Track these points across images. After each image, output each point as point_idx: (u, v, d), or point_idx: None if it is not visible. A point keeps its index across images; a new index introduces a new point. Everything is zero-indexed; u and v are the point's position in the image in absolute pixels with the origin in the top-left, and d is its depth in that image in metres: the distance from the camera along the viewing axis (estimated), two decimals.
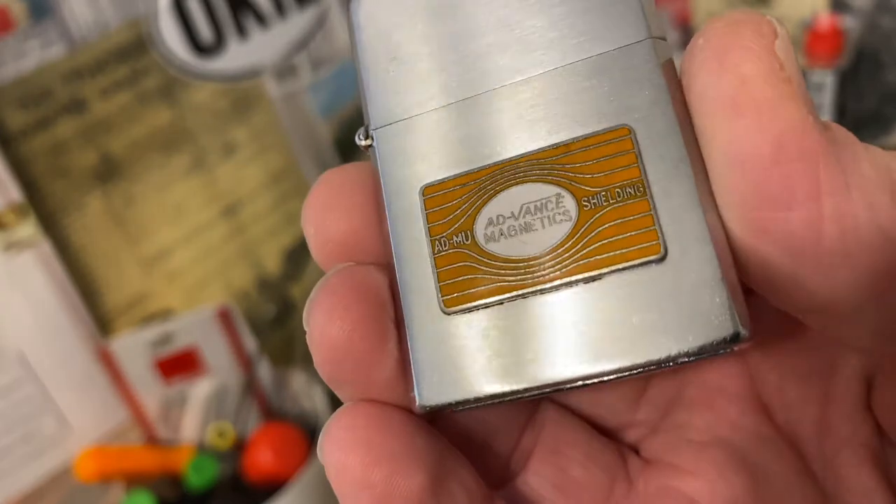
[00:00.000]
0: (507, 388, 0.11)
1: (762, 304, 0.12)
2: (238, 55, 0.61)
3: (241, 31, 0.61)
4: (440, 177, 0.12)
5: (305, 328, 0.13)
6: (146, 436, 0.56)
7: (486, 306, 0.12)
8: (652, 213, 0.11)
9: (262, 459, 0.51)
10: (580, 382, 0.12)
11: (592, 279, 0.11)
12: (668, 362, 0.11)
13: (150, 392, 0.54)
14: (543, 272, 0.11)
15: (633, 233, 0.11)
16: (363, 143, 0.13)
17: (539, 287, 0.12)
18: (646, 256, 0.11)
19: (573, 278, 0.11)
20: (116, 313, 0.57)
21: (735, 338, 0.11)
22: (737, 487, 0.14)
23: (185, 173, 0.60)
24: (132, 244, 0.58)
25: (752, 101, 0.11)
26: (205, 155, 0.62)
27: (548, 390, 0.12)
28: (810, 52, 0.63)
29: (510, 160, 0.12)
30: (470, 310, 0.12)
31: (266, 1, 0.62)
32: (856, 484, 0.13)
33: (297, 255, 0.71)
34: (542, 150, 0.12)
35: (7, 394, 0.52)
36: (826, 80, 0.62)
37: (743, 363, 0.14)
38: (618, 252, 0.11)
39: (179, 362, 0.54)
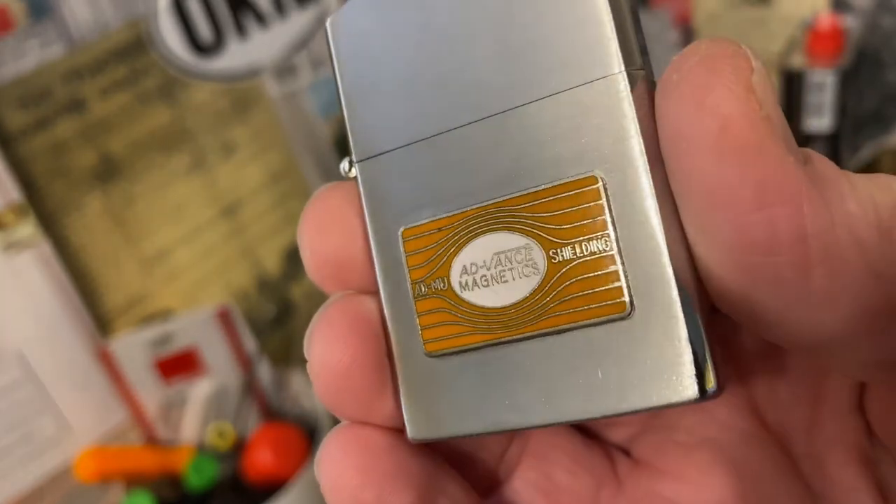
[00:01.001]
0: (482, 429, 0.12)
1: None
2: (238, 55, 0.61)
3: (241, 30, 0.61)
4: (418, 220, 0.13)
5: (306, 357, 0.13)
6: (146, 436, 0.56)
7: (463, 352, 0.13)
8: (618, 268, 0.11)
9: (262, 460, 0.51)
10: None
11: (559, 332, 0.12)
12: (631, 414, 0.12)
13: (150, 392, 0.54)
14: (513, 324, 0.12)
15: (598, 289, 0.11)
16: (348, 174, 0.14)
17: (510, 338, 0.12)
18: (611, 314, 0.11)
19: (540, 332, 0.12)
20: (116, 313, 0.57)
21: (701, 396, 0.11)
22: (723, 490, 0.14)
23: (184, 173, 0.60)
24: (132, 244, 0.58)
25: (733, 145, 0.10)
26: (204, 155, 0.62)
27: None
28: (811, 52, 0.63)
29: (483, 206, 0.12)
30: (449, 354, 0.13)
31: (266, 0, 0.62)
32: (844, 484, 0.13)
33: (297, 255, 0.71)
34: (513, 196, 0.12)
35: (6, 394, 0.52)
36: (827, 80, 0.62)
37: (733, 363, 0.14)
38: (583, 308, 0.12)
39: (179, 362, 0.54)
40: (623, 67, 0.12)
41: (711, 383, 0.11)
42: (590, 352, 0.12)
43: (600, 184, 0.11)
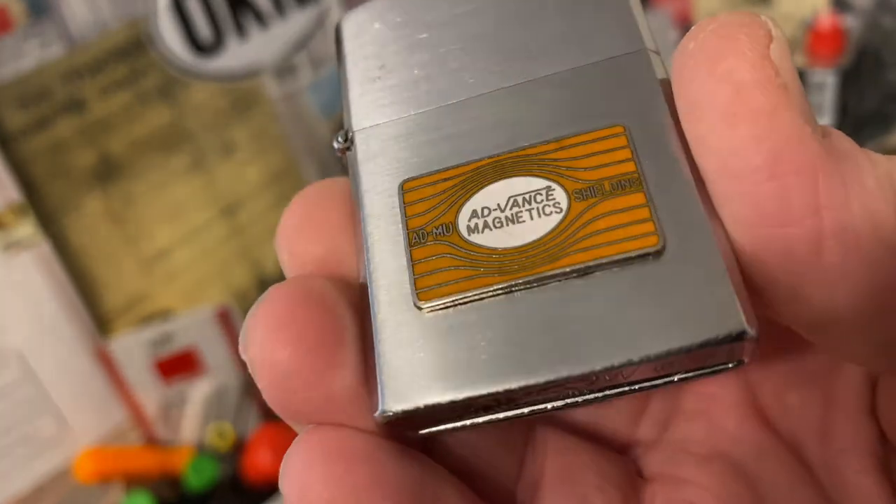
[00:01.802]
0: (483, 390, 0.10)
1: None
2: (237, 55, 0.61)
3: (241, 30, 0.61)
4: (424, 170, 0.12)
5: (243, 356, 0.11)
6: (145, 436, 0.56)
7: (465, 301, 0.11)
8: (648, 204, 0.11)
9: (262, 460, 0.51)
10: (569, 400, 0.11)
11: (584, 272, 0.10)
12: (667, 365, 0.10)
13: (150, 392, 0.54)
14: (530, 263, 0.10)
15: (628, 223, 0.10)
16: (341, 145, 0.13)
17: (525, 279, 0.10)
18: (642, 248, 0.10)
19: (563, 270, 0.10)
20: (116, 313, 0.57)
21: (741, 335, 0.10)
22: (741, 498, 0.13)
23: (184, 173, 0.60)
24: (131, 244, 0.58)
25: (746, 111, 0.10)
26: (204, 155, 0.61)
27: (532, 408, 0.11)
28: (811, 52, 0.63)
29: (498, 156, 0.11)
30: (446, 305, 0.11)
31: (266, 0, 0.62)
32: (860, 490, 0.13)
33: None
34: (533, 145, 0.11)
35: (6, 394, 0.52)
36: (827, 80, 0.62)
37: (739, 370, 0.13)
38: (612, 243, 0.10)
39: (179, 363, 0.54)
40: (645, 46, 0.12)
41: (752, 326, 0.10)
42: (619, 292, 0.10)
43: (626, 132, 0.11)
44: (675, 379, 0.11)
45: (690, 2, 0.75)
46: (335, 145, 0.13)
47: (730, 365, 0.11)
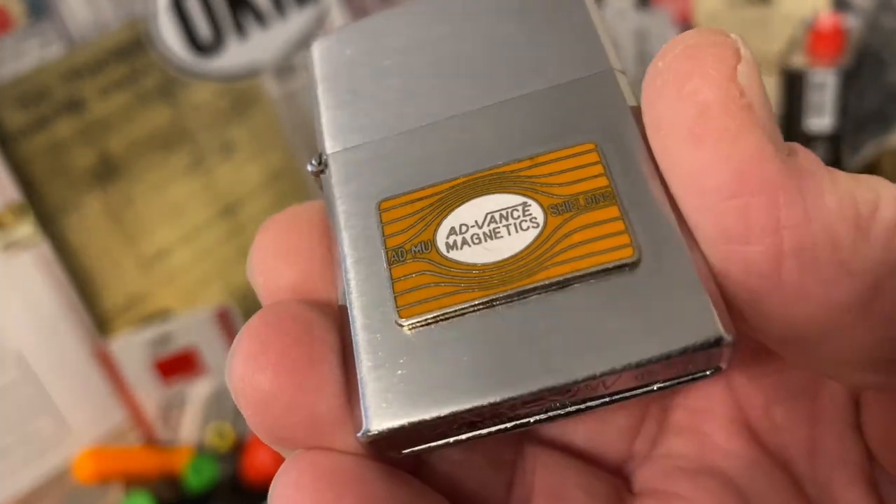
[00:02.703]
0: (466, 405, 0.10)
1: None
2: (237, 54, 0.61)
3: (241, 30, 0.61)
4: (399, 190, 0.12)
5: (228, 384, 0.12)
6: (145, 437, 0.56)
7: (446, 316, 0.11)
8: (622, 217, 0.11)
9: (262, 460, 0.51)
10: (552, 412, 0.11)
11: (563, 284, 0.11)
12: (647, 374, 0.10)
13: (149, 393, 0.54)
14: (510, 278, 0.11)
15: (604, 236, 0.11)
16: (315, 168, 0.13)
17: (505, 293, 0.11)
18: (619, 259, 0.11)
19: (542, 283, 0.11)
20: (115, 313, 0.57)
21: (718, 341, 0.10)
22: None
23: (183, 173, 0.60)
24: (131, 244, 0.58)
25: (710, 131, 0.10)
26: (204, 154, 0.61)
27: (516, 422, 0.11)
28: (812, 52, 0.63)
29: (473, 174, 0.12)
30: (428, 321, 0.11)
31: (265, 0, 0.62)
32: None
33: None
34: (507, 163, 0.12)
35: (5, 394, 0.52)
36: (828, 80, 0.62)
37: (727, 386, 0.14)
38: (589, 255, 0.11)
39: (178, 363, 0.54)
40: (611, 66, 0.12)
41: (728, 331, 0.10)
42: (597, 303, 0.10)
43: (598, 149, 0.11)
44: (655, 388, 0.11)
45: (690, 1, 0.75)
46: (309, 168, 0.13)
47: (707, 372, 0.11)
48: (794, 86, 0.64)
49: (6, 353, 0.51)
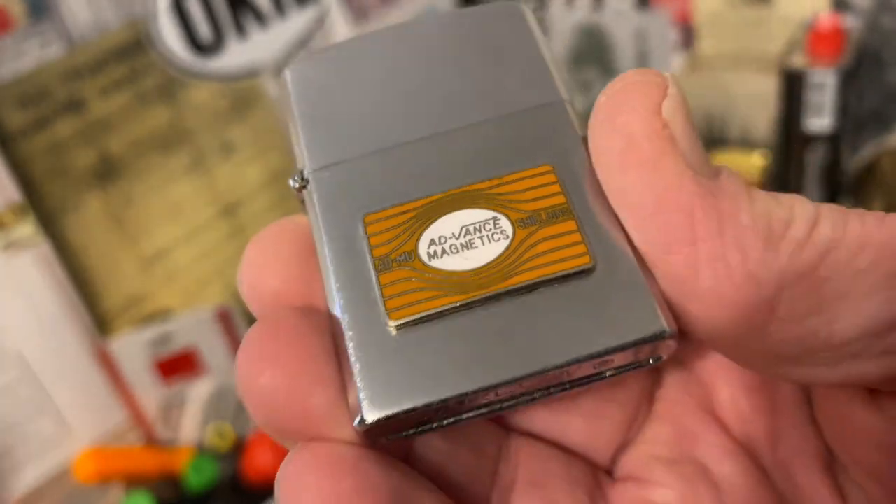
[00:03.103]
0: (451, 393, 0.12)
1: None
2: (237, 54, 0.61)
3: (241, 30, 0.61)
4: (382, 205, 0.13)
5: (238, 388, 0.13)
6: (145, 436, 0.56)
7: (430, 317, 0.12)
8: (579, 230, 0.13)
9: (262, 460, 0.51)
10: (525, 396, 0.12)
11: (531, 288, 0.12)
12: (602, 363, 0.12)
13: (150, 393, 0.54)
14: (485, 282, 0.12)
15: (564, 246, 0.13)
16: (298, 184, 0.14)
17: (481, 296, 0.12)
18: (577, 266, 0.12)
19: (514, 287, 0.12)
20: (115, 313, 0.57)
21: (662, 334, 0.12)
22: (701, 499, 0.14)
23: (184, 173, 0.60)
24: (131, 244, 0.58)
25: (636, 158, 0.12)
26: (204, 155, 0.61)
27: (492, 407, 0.13)
28: (812, 52, 0.63)
29: (447, 192, 0.13)
30: (414, 322, 0.12)
31: (265, 0, 0.62)
32: (812, 492, 0.14)
33: None
34: (478, 182, 0.13)
35: (5, 394, 0.52)
36: (827, 80, 0.62)
37: (699, 380, 0.15)
38: (552, 263, 0.12)
39: (179, 363, 0.54)
40: (562, 97, 0.14)
41: (670, 326, 0.12)
42: (559, 304, 0.12)
43: (554, 171, 0.13)
44: (607, 374, 0.13)
45: (690, 2, 0.76)
46: (291, 184, 0.14)
47: (650, 361, 0.13)
48: (793, 86, 0.64)
49: (6, 353, 0.51)
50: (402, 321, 0.12)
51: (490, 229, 0.13)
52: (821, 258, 0.12)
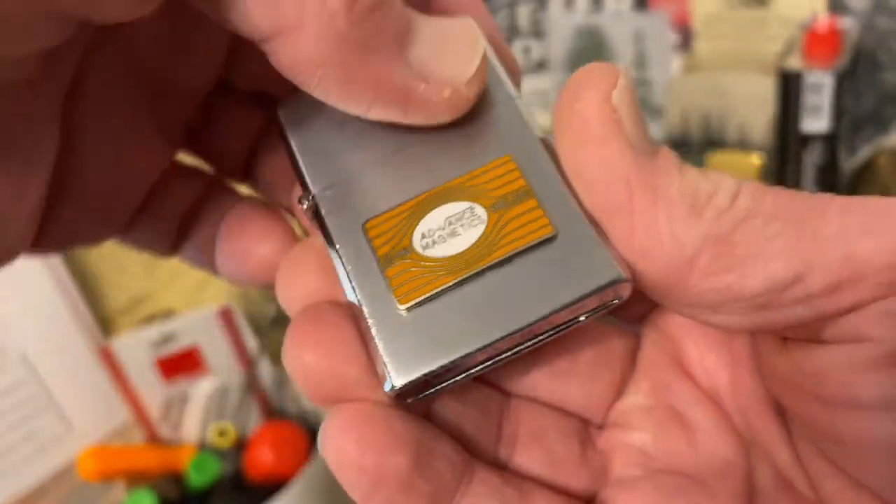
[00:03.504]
0: (461, 353, 0.14)
1: None
2: None
3: None
4: (378, 212, 0.16)
5: (286, 367, 0.15)
6: (148, 435, 0.56)
7: (431, 298, 0.15)
8: (539, 206, 0.15)
9: (263, 458, 0.52)
10: (519, 346, 0.15)
11: (508, 260, 0.15)
12: (575, 309, 0.15)
13: (152, 391, 0.55)
14: (472, 261, 0.15)
15: (529, 222, 0.15)
16: (305, 205, 0.16)
17: (469, 273, 0.15)
18: (543, 236, 0.15)
19: (495, 261, 0.15)
20: (118, 314, 0.58)
21: (620, 279, 0.15)
22: (676, 439, 0.17)
23: None
24: None
25: (588, 137, 0.15)
26: None
27: (497, 358, 0.15)
28: (809, 53, 0.64)
29: (430, 191, 0.16)
30: (419, 302, 0.15)
31: None
32: (764, 432, 0.17)
33: None
34: (453, 179, 0.16)
35: (10, 393, 0.52)
36: (824, 81, 0.62)
37: (671, 340, 0.18)
38: (522, 237, 0.15)
39: (181, 362, 0.55)
40: (512, 94, 0.17)
41: (625, 272, 0.15)
42: (534, 268, 0.15)
43: (513, 160, 0.16)
44: (582, 319, 0.15)
45: (688, 4, 0.76)
46: (302, 205, 0.16)
47: (615, 301, 0.15)
48: (790, 87, 0.64)
49: (10, 353, 0.52)
50: (409, 304, 0.15)
51: (468, 217, 0.15)
52: (737, 225, 0.14)
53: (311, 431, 0.54)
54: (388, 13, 0.14)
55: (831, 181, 0.66)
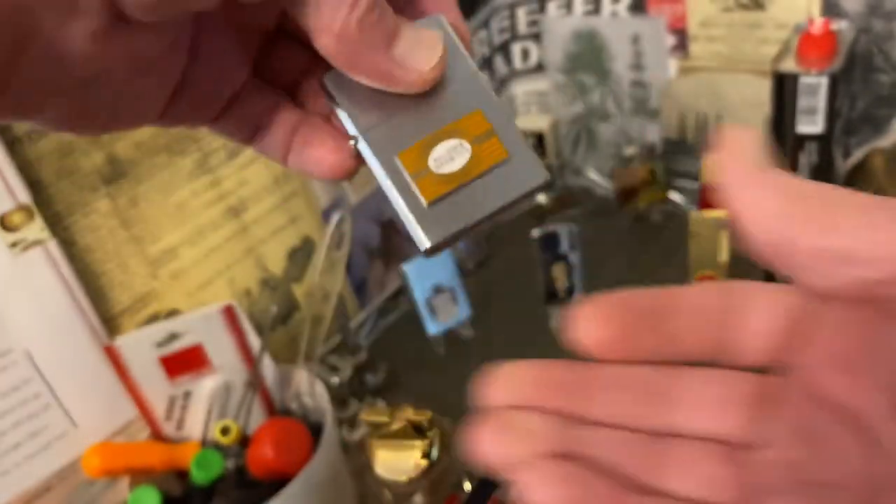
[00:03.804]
0: (466, 223, 0.23)
1: None
2: None
3: None
4: (404, 146, 0.24)
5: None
6: (152, 432, 0.57)
7: (443, 196, 0.23)
8: (499, 141, 0.24)
9: (266, 455, 0.52)
10: (494, 218, 0.24)
11: (485, 173, 0.23)
12: (527, 196, 0.24)
13: (156, 389, 0.55)
14: (464, 176, 0.23)
15: (494, 151, 0.24)
16: (355, 143, 0.24)
17: (464, 182, 0.23)
18: (502, 158, 0.24)
19: (478, 174, 0.23)
20: (122, 313, 0.58)
21: (546, 179, 0.24)
22: (811, 452, 0.20)
23: (190, 174, 0.61)
24: (138, 244, 0.59)
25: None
26: (209, 156, 0.62)
27: (486, 222, 0.23)
28: (803, 55, 0.64)
29: (434, 132, 0.24)
30: (436, 200, 0.23)
31: None
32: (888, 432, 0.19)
33: (299, 255, 0.71)
34: (448, 124, 0.24)
35: (15, 392, 0.52)
36: (819, 83, 0.63)
37: (799, 366, 0.21)
38: (490, 159, 0.24)
39: (185, 360, 0.55)
40: (475, 68, 0.25)
41: (546, 174, 0.24)
42: (501, 176, 0.24)
43: (482, 112, 0.24)
44: (527, 199, 0.24)
45: (684, 6, 0.77)
46: (350, 143, 0.24)
47: (543, 186, 0.24)
48: (785, 89, 0.65)
49: (15, 351, 0.52)
50: (430, 200, 0.23)
51: (459, 149, 0.24)
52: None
53: (313, 428, 0.55)
54: (383, 23, 0.21)
55: (826, 181, 0.66)
